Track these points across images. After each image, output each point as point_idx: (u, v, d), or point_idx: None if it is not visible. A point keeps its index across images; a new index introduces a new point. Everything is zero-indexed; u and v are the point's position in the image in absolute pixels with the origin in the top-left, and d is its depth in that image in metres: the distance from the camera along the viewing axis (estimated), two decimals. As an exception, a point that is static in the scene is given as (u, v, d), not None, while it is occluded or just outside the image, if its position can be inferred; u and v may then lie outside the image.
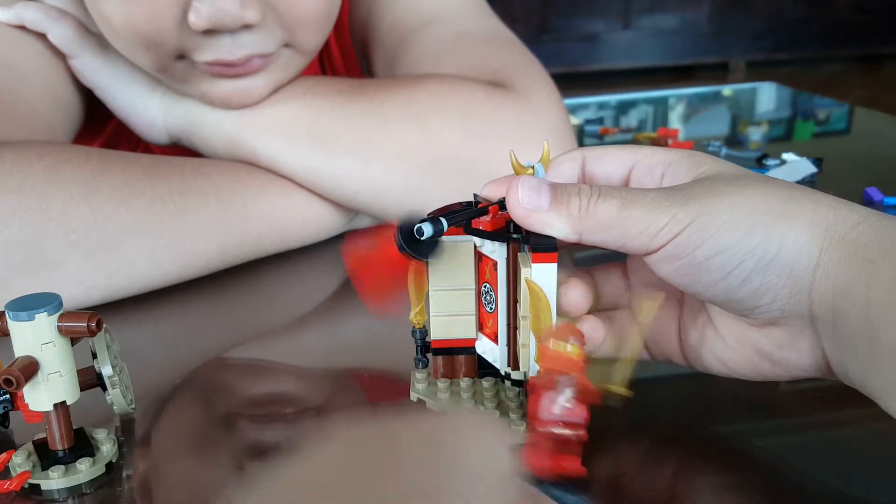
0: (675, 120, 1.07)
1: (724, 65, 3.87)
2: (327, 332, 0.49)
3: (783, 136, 0.98)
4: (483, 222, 0.35)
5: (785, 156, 0.78)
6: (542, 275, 0.33)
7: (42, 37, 0.59)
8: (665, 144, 0.86)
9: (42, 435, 0.35)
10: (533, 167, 0.36)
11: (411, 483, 0.18)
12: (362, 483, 0.18)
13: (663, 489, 0.33)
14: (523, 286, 0.33)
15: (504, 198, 0.34)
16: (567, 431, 0.31)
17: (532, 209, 0.33)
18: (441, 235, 0.34)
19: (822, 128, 1.00)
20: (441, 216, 0.34)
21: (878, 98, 3.18)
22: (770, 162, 0.77)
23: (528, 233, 0.33)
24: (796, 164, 0.75)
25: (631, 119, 1.06)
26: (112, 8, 0.51)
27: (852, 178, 0.74)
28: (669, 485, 0.34)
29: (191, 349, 0.48)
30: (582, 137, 0.93)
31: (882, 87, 3.53)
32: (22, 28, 0.58)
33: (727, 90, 1.22)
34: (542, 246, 0.33)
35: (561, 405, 0.30)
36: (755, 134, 0.94)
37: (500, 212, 0.35)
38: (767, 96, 1.17)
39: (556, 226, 0.32)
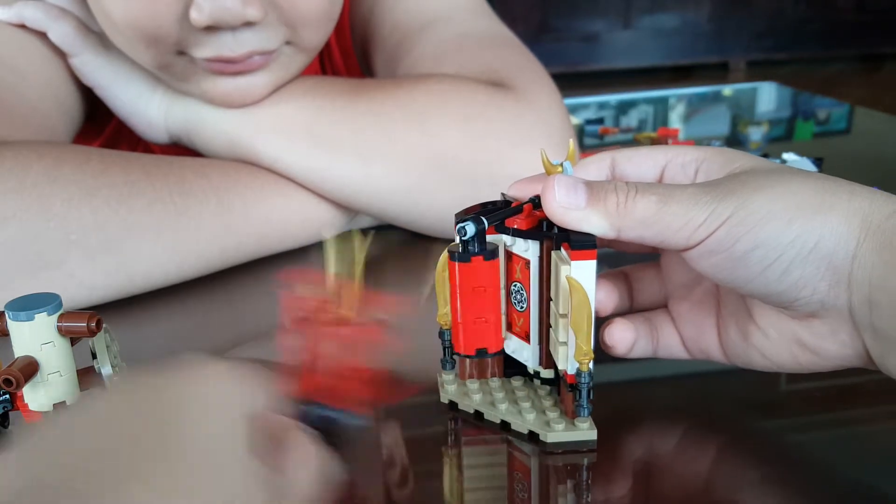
0: (675, 120, 1.07)
1: (725, 64, 3.87)
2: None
3: (783, 135, 0.98)
4: (517, 221, 0.35)
5: (785, 156, 0.78)
6: (581, 272, 0.33)
7: (42, 36, 0.58)
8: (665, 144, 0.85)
9: (42, 435, 0.35)
10: (562, 164, 0.36)
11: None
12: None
13: (698, 479, 0.33)
14: (563, 283, 0.33)
15: (537, 196, 0.34)
16: None
17: (569, 207, 0.33)
18: (484, 234, 0.34)
19: (822, 128, 1.00)
20: (476, 215, 0.34)
21: (878, 98, 3.17)
22: (770, 162, 0.77)
23: (565, 230, 0.33)
24: (797, 165, 0.75)
25: (631, 119, 1.06)
26: (113, 3, 0.51)
27: (853, 178, 0.73)
28: (706, 476, 0.34)
29: (191, 349, 0.48)
30: (582, 137, 0.93)
31: (882, 87, 3.53)
32: (22, 27, 0.58)
33: (727, 90, 1.22)
34: (581, 243, 0.33)
35: None
36: (755, 134, 0.94)
37: (533, 210, 0.35)
38: (768, 96, 1.17)
39: (595, 223, 0.32)
